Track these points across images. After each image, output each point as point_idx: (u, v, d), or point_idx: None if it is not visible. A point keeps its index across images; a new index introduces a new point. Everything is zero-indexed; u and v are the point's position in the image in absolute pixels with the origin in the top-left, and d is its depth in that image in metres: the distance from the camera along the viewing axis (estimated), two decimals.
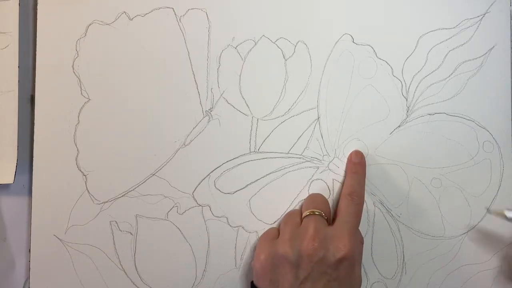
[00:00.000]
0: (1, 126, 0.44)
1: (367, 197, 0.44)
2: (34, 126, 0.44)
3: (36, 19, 0.44)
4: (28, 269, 0.45)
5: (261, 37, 0.45)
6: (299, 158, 0.45)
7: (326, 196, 0.44)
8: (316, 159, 0.45)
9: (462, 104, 0.45)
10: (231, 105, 0.45)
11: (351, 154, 0.44)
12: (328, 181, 0.45)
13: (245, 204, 0.44)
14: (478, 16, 0.45)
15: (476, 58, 0.45)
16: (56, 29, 0.44)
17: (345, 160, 0.45)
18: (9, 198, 0.45)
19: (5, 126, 0.43)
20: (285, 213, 0.44)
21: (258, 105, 0.45)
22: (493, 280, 0.44)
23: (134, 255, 0.44)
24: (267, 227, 0.44)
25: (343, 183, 0.44)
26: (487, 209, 0.44)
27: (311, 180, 0.45)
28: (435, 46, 0.45)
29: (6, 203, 0.45)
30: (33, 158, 0.44)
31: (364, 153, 0.44)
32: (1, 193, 0.45)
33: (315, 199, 0.42)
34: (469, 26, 0.45)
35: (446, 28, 0.45)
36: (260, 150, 0.45)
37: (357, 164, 0.43)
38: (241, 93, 0.45)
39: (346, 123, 0.45)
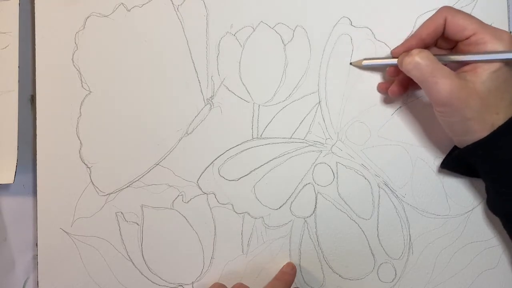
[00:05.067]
0: (1, 126, 0.44)
1: (371, 179, 0.44)
2: (36, 120, 0.44)
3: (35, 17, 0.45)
4: (29, 268, 0.45)
5: (259, 23, 0.45)
6: (302, 142, 0.45)
7: (330, 180, 0.44)
8: (319, 143, 0.45)
9: None
10: (232, 92, 0.45)
11: (284, 265, 0.44)
12: (332, 164, 0.45)
13: (249, 190, 0.44)
14: None
15: None
16: (54, 23, 0.45)
17: (348, 143, 0.45)
18: (9, 198, 0.45)
19: (5, 126, 0.44)
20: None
21: (259, 91, 0.45)
22: (500, 256, 0.44)
23: (141, 245, 0.44)
24: (272, 213, 0.44)
25: (347, 166, 0.44)
26: (350, 62, 0.44)
27: (314, 164, 0.45)
28: None
29: (6, 203, 0.45)
30: (37, 152, 0.44)
31: (366, 136, 0.44)
32: (1, 193, 0.45)
33: None
34: (465, 5, 0.45)
35: None
36: (262, 136, 0.45)
37: (285, 274, 0.43)
38: (241, 80, 0.45)
39: (347, 106, 0.45)
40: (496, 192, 0.40)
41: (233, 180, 0.45)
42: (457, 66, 0.39)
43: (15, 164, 0.43)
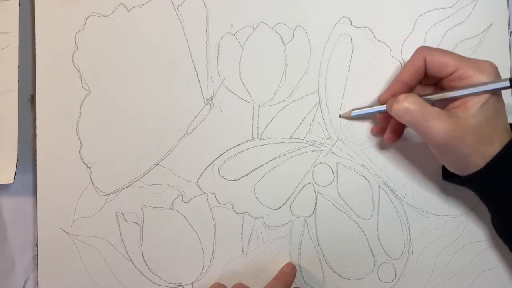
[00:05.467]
0: (1, 126, 0.44)
1: (371, 179, 0.44)
2: (36, 120, 0.44)
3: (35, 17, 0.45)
4: (29, 268, 0.45)
5: (259, 23, 0.45)
6: (302, 142, 0.45)
7: (330, 180, 0.44)
8: (319, 143, 0.45)
9: None
10: (232, 92, 0.45)
11: (284, 265, 0.44)
12: (332, 164, 0.45)
13: (249, 191, 0.44)
14: None
15: (474, 37, 0.45)
16: (54, 23, 0.45)
17: (348, 143, 0.45)
18: (9, 198, 0.45)
19: (5, 126, 0.44)
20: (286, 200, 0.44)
21: (259, 91, 0.45)
22: (500, 257, 0.44)
23: (141, 245, 0.44)
24: (272, 213, 0.44)
25: (347, 166, 0.44)
26: (339, 115, 0.45)
27: (314, 164, 0.45)
28: (433, 26, 0.45)
29: (6, 203, 0.45)
30: (37, 152, 0.44)
31: (366, 136, 0.44)
32: (1, 193, 0.45)
33: None
34: (466, 5, 0.45)
35: (443, 8, 0.45)
36: (262, 136, 0.45)
37: (285, 274, 0.43)
38: (241, 80, 0.45)
39: (347, 106, 0.45)
40: (495, 215, 0.41)
41: (233, 180, 0.45)
42: (445, 103, 0.39)
43: (15, 164, 0.43)
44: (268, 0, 0.45)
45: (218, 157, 0.45)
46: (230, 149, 0.45)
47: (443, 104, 0.39)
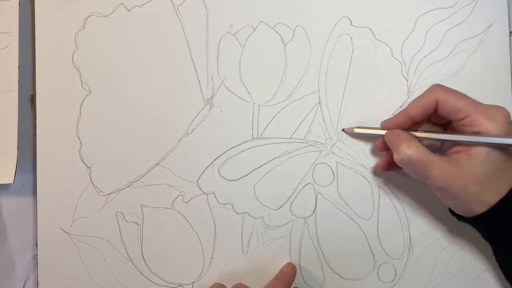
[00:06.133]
0: (1, 126, 0.44)
1: (371, 179, 0.44)
2: (36, 120, 0.44)
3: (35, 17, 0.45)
4: (29, 268, 0.45)
5: (259, 23, 0.45)
6: (302, 142, 0.45)
7: (330, 180, 0.44)
8: (319, 143, 0.45)
9: (462, 82, 0.44)
10: (232, 92, 0.45)
11: (284, 265, 0.44)
12: (332, 164, 0.45)
13: (249, 191, 0.44)
14: None
15: (474, 36, 0.45)
16: (54, 23, 0.45)
17: (348, 143, 0.45)
18: (9, 198, 0.45)
19: (5, 126, 0.44)
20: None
21: (259, 91, 0.45)
22: None
23: (141, 245, 0.44)
24: (272, 213, 0.44)
25: (347, 166, 0.44)
26: (343, 129, 0.44)
27: (314, 164, 0.45)
28: (434, 26, 0.45)
29: (6, 203, 0.45)
30: (37, 152, 0.44)
31: (366, 136, 0.44)
32: (1, 193, 0.45)
33: None
34: (466, 5, 0.45)
35: (443, 8, 0.45)
36: (262, 136, 0.45)
37: (285, 274, 0.43)
38: (241, 80, 0.45)
39: (347, 106, 0.45)
40: (497, 254, 0.41)
41: (233, 180, 0.45)
42: (450, 145, 0.39)
43: (15, 164, 0.43)
44: (268, 0, 0.45)
45: (218, 157, 0.45)
46: (230, 149, 0.45)
47: (449, 145, 0.39)
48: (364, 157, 0.45)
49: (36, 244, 0.44)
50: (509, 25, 0.45)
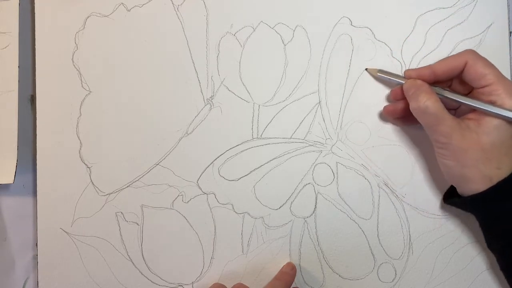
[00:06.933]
0: (1, 126, 0.44)
1: (371, 179, 0.44)
2: (36, 120, 0.44)
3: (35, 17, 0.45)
4: (29, 268, 0.45)
5: (259, 23, 0.45)
6: (302, 142, 0.45)
7: (330, 180, 0.44)
8: (319, 143, 0.45)
9: None
10: (232, 92, 0.45)
11: (284, 265, 0.44)
12: (332, 164, 0.45)
13: (249, 191, 0.44)
14: None
15: (474, 37, 0.45)
16: (54, 23, 0.45)
17: (348, 143, 0.45)
18: (9, 198, 0.45)
19: (5, 126, 0.44)
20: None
21: (259, 91, 0.45)
22: None
23: (141, 245, 0.44)
24: (272, 213, 0.44)
25: (347, 166, 0.44)
26: (366, 68, 0.44)
27: (314, 164, 0.45)
28: (433, 26, 0.45)
29: (6, 203, 0.45)
30: (37, 152, 0.44)
31: (366, 136, 0.44)
32: (1, 193, 0.45)
33: None
34: (466, 5, 0.45)
35: (443, 8, 0.45)
36: (262, 136, 0.45)
37: (285, 274, 0.43)
38: (241, 80, 0.45)
39: (347, 106, 0.45)
40: (489, 236, 0.41)
41: (233, 180, 0.45)
42: (464, 113, 0.40)
43: (15, 164, 0.43)
44: (268, 0, 0.45)
45: (218, 157, 0.45)
46: (230, 149, 0.45)
47: (464, 111, 0.40)
48: (364, 157, 0.45)
49: (36, 244, 0.44)
50: (509, 25, 0.45)
